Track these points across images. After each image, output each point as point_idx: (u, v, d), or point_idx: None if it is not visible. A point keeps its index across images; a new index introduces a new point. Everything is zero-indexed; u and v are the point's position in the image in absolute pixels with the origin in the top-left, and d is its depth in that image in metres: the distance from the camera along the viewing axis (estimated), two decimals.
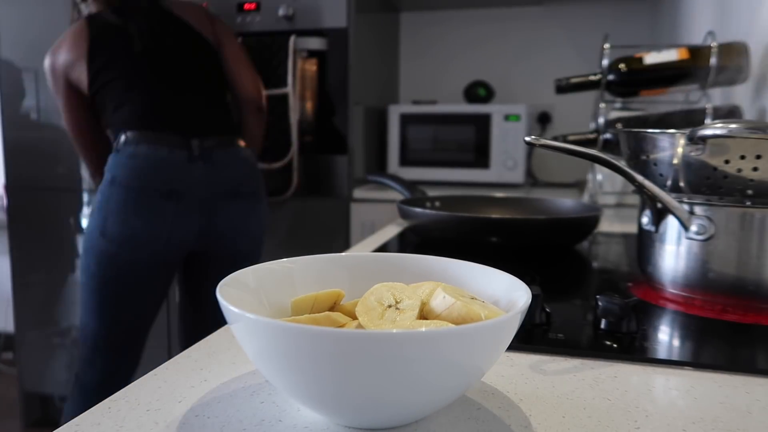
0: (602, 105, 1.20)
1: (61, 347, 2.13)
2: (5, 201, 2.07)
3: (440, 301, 0.35)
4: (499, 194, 1.07)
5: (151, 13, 1.37)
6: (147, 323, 1.35)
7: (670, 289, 0.58)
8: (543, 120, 2.25)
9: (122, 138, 1.27)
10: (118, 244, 1.24)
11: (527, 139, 0.56)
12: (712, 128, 0.51)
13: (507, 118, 1.90)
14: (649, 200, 0.59)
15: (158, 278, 1.32)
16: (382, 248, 0.85)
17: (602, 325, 0.48)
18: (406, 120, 1.99)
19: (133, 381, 1.31)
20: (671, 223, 0.57)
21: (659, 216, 0.59)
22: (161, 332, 2.01)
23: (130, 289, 1.28)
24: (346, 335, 0.27)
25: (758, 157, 0.51)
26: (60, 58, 1.34)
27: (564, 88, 1.20)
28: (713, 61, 1.06)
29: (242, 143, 1.41)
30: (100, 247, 1.25)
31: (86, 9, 1.39)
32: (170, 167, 1.26)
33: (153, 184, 1.24)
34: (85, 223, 1.26)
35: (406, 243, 0.90)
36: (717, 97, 1.32)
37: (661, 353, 0.44)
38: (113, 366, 1.32)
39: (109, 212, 1.24)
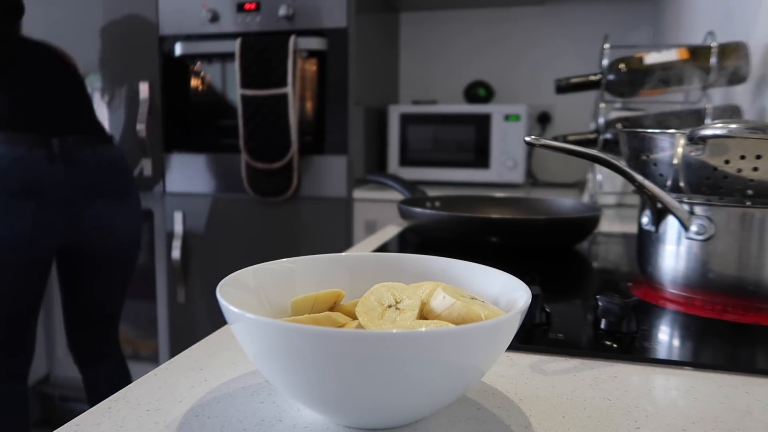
0: (602, 105, 1.20)
1: (61, 348, 2.13)
2: None
3: (440, 301, 0.35)
4: (499, 194, 1.07)
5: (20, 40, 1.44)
6: (27, 318, 1.40)
7: (670, 289, 0.58)
8: (543, 120, 2.25)
9: None
10: None
11: (527, 139, 0.56)
12: (712, 128, 0.51)
13: (507, 118, 1.90)
14: (649, 200, 0.59)
15: (29, 275, 1.36)
16: (382, 248, 0.85)
17: (602, 325, 0.48)
18: (406, 120, 1.99)
19: (29, 374, 1.35)
20: (671, 223, 0.57)
21: (659, 216, 0.59)
22: (161, 332, 2.01)
23: (3, 287, 1.32)
24: (346, 335, 0.27)
25: (758, 157, 0.51)
26: None
27: (564, 88, 1.20)
28: (713, 61, 1.06)
29: (110, 143, 1.46)
30: None
31: None
32: (28, 166, 1.30)
33: (9, 184, 1.28)
34: None
35: (406, 243, 0.90)
36: (717, 97, 1.32)
37: (661, 353, 0.44)
38: (5, 356, 1.37)
39: None
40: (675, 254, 0.57)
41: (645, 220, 0.61)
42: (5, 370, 1.38)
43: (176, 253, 1.92)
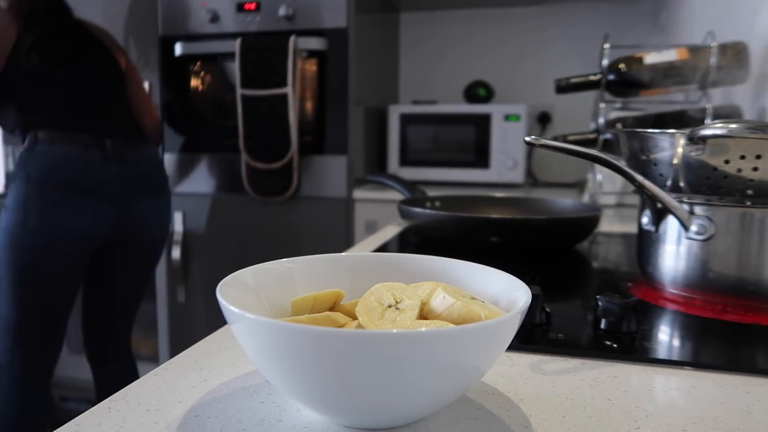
0: (602, 105, 1.20)
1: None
2: None
3: (440, 301, 0.35)
4: (499, 194, 1.07)
5: (62, 22, 1.47)
6: (64, 311, 1.43)
7: (670, 289, 0.58)
8: (543, 120, 2.25)
9: (34, 137, 1.36)
10: (40, 237, 1.32)
11: (527, 139, 0.56)
12: (712, 128, 0.51)
13: (507, 118, 1.90)
14: (649, 200, 0.59)
15: (74, 269, 1.41)
16: (382, 248, 0.85)
17: (602, 325, 0.48)
18: (406, 120, 1.99)
19: (56, 367, 1.35)
20: (671, 223, 0.57)
21: (659, 216, 0.59)
22: (161, 332, 2.01)
23: (48, 280, 1.37)
24: (346, 335, 0.27)
25: (758, 157, 0.51)
26: None
27: (564, 88, 1.20)
28: (713, 61, 1.06)
29: (148, 143, 1.54)
30: (21, 240, 1.32)
31: None
32: (86, 165, 1.37)
33: (70, 181, 1.35)
34: None
35: (406, 243, 0.90)
36: (717, 97, 1.32)
37: (661, 353, 0.44)
38: (35, 353, 1.40)
39: (29, 208, 1.31)
40: (675, 254, 0.57)
41: (645, 220, 0.61)
42: (39, 363, 1.40)
43: (176, 253, 1.92)
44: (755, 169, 0.51)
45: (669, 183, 0.57)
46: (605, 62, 1.15)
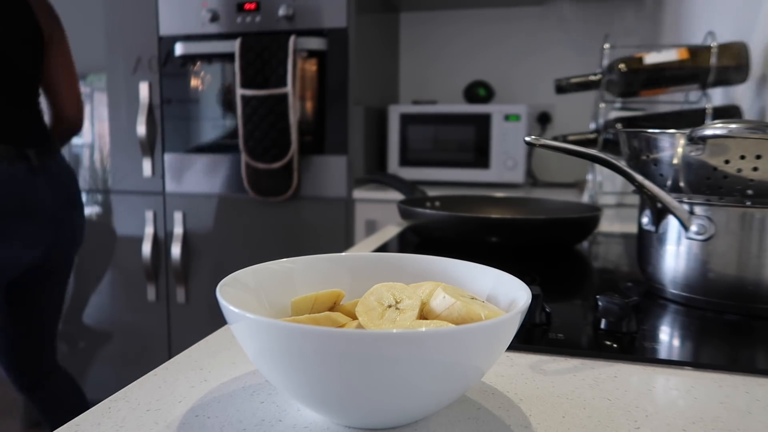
0: (602, 105, 1.20)
1: (60, 347, 2.13)
2: None
3: (440, 301, 0.35)
4: (499, 194, 1.07)
5: None
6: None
7: (670, 289, 0.58)
8: (543, 120, 2.25)
9: None
10: None
11: (527, 139, 0.56)
12: (712, 128, 0.51)
13: (507, 118, 1.90)
14: (649, 200, 0.59)
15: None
16: (382, 248, 0.85)
17: (602, 325, 0.48)
18: (406, 120, 1.99)
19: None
20: (671, 223, 0.57)
21: (659, 216, 0.59)
22: (161, 332, 2.01)
23: None
24: (346, 335, 0.27)
25: (758, 157, 0.51)
26: None
27: (564, 88, 1.20)
28: (713, 61, 1.06)
29: (59, 152, 1.33)
30: None
31: None
32: (13, 182, 1.16)
33: (2, 205, 1.15)
34: None
35: (406, 243, 0.90)
36: (717, 97, 1.32)
37: (661, 353, 0.44)
38: None
39: None
40: (675, 254, 0.57)
41: (645, 220, 0.61)
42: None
43: (176, 253, 1.92)
44: (755, 169, 0.51)
45: (669, 183, 0.57)
46: (605, 62, 1.15)
